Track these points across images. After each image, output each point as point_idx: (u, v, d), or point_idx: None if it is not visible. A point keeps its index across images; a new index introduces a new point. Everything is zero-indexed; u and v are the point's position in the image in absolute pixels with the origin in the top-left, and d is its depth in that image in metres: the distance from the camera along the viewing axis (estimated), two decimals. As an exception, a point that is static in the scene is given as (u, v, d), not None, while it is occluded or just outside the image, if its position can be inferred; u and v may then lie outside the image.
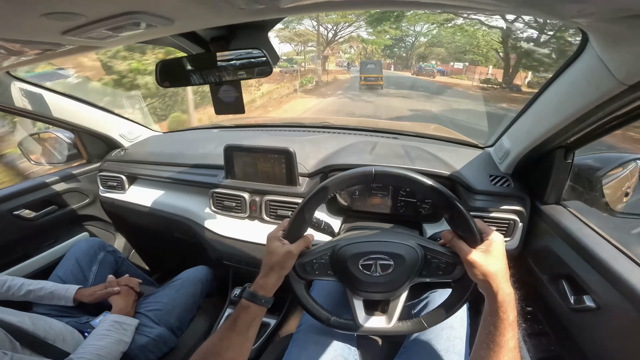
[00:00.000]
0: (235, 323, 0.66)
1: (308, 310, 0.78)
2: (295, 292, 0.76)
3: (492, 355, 0.58)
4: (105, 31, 0.48)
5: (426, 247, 0.70)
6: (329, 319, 0.77)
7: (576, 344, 0.86)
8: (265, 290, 0.69)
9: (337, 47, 28.81)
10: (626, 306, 0.69)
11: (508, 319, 0.58)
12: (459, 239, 0.66)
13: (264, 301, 0.68)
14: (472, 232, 0.64)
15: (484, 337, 0.60)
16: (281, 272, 0.70)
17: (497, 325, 0.59)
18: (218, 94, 0.79)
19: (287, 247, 0.70)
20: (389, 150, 1.29)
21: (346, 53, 32.02)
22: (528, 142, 0.92)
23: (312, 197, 0.70)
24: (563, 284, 0.89)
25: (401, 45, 31.67)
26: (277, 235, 0.73)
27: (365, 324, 0.75)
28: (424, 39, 29.61)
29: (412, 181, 0.66)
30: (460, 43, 24.81)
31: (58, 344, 0.91)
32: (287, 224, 0.73)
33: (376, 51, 29.01)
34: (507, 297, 0.60)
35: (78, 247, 1.29)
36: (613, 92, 0.60)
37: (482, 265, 0.61)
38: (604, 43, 0.57)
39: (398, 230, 0.75)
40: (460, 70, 27.43)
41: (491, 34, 20.32)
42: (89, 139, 1.56)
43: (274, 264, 0.69)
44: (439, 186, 0.65)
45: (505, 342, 0.57)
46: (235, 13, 0.48)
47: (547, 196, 0.99)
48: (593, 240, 0.83)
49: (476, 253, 0.63)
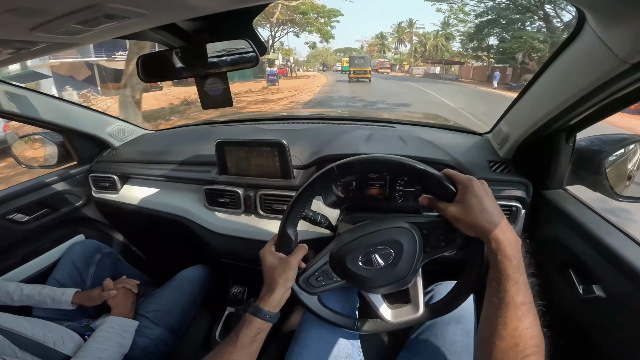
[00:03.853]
0: (237, 337, 0.64)
1: (332, 323, 0.76)
2: (311, 309, 0.76)
3: (499, 313, 0.52)
4: (75, 26, 0.45)
5: (418, 222, 0.68)
6: (354, 324, 0.76)
7: (587, 335, 0.83)
8: (271, 305, 0.67)
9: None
10: (636, 295, 0.67)
11: (506, 270, 0.53)
12: (436, 200, 0.63)
13: (268, 316, 0.66)
14: (440, 185, 0.62)
15: (489, 293, 0.56)
16: (287, 285, 0.69)
17: (498, 279, 0.54)
18: (204, 87, 0.76)
19: (284, 259, 0.70)
20: (385, 139, 1.26)
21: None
22: (527, 126, 0.89)
23: (293, 206, 0.70)
24: (570, 273, 0.86)
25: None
26: (270, 250, 0.72)
27: (394, 319, 0.74)
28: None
29: (373, 162, 0.66)
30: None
31: (58, 348, 0.90)
32: (277, 238, 0.73)
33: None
34: (501, 245, 0.55)
35: (74, 250, 1.28)
36: (615, 72, 0.57)
37: (463, 216, 0.58)
38: (603, 21, 0.54)
39: (387, 216, 0.73)
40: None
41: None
42: (78, 140, 1.52)
43: (276, 278, 0.68)
44: (394, 157, 0.63)
45: (510, 297, 0.52)
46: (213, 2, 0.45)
47: (550, 181, 0.96)
48: (600, 226, 0.81)
49: (452, 206, 0.60)
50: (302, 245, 0.74)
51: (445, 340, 0.78)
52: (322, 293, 0.76)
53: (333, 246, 0.73)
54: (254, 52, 0.71)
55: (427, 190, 0.65)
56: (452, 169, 1.04)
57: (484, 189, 0.60)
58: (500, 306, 0.53)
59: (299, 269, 0.72)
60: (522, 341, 0.50)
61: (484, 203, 0.58)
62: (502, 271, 0.54)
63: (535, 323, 0.52)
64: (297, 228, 0.74)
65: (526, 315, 0.51)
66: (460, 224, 0.60)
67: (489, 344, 0.52)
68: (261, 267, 0.73)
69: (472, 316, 0.84)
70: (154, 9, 0.44)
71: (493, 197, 0.60)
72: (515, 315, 0.51)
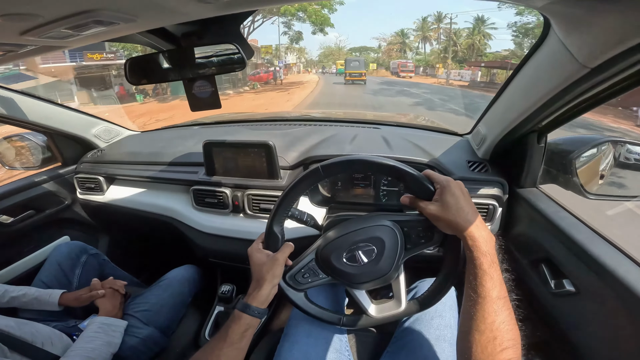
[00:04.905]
0: (227, 334, 0.65)
1: (317, 318, 0.78)
2: (298, 305, 0.77)
3: (477, 307, 0.55)
4: (65, 30, 0.46)
5: (398, 220, 0.71)
6: (340, 319, 0.78)
7: (560, 328, 0.86)
8: (259, 301, 0.68)
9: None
10: (604, 289, 0.70)
11: (481, 266, 0.56)
12: (416, 199, 0.66)
13: (257, 312, 0.68)
14: (420, 184, 0.65)
15: (467, 289, 0.58)
16: (274, 281, 0.71)
17: (476, 273, 0.57)
18: (192, 89, 0.78)
19: (272, 255, 0.72)
20: (369, 140, 1.30)
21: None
22: (502, 128, 0.93)
23: (280, 204, 0.73)
24: (543, 268, 0.90)
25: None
26: (257, 248, 0.75)
27: (378, 314, 0.76)
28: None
29: (357, 162, 0.69)
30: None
31: (47, 348, 0.90)
32: (264, 236, 0.75)
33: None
34: (477, 242, 0.57)
35: (59, 251, 1.27)
36: (577, 75, 0.60)
37: (440, 215, 0.61)
38: (565, 27, 0.57)
39: (371, 215, 0.76)
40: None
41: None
42: (63, 141, 1.51)
43: (264, 274, 0.70)
44: (378, 158, 0.67)
45: (487, 292, 0.55)
46: (203, 8, 0.47)
47: (523, 180, 1.01)
48: (570, 223, 0.84)
49: (431, 205, 0.63)
50: (288, 243, 0.76)
51: (430, 335, 0.81)
52: (308, 289, 0.78)
53: (319, 244, 0.75)
54: (241, 55, 0.73)
55: (408, 189, 0.68)
56: (432, 169, 1.09)
57: (461, 189, 0.64)
58: (477, 300, 0.55)
59: (285, 266, 0.74)
60: (499, 334, 0.52)
61: (460, 202, 0.61)
62: (478, 267, 0.57)
63: (510, 317, 0.55)
64: (284, 226, 0.76)
65: (502, 310, 0.54)
66: (439, 222, 0.63)
67: (469, 338, 0.55)
68: (249, 265, 0.74)
69: (454, 310, 0.87)
70: (144, 15, 0.46)
71: (469, 197, 0.64)
72: (492, 309, 0.54)
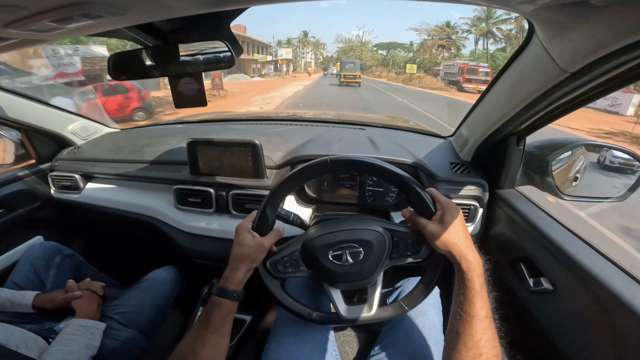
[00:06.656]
0: (208, 321, 0.64)
1: (288, 309, 0.78)
2: (271, 291, 0.76)
3: (466, 325, 0.58)
4: (49, 23, 0.44)
5: (391, 229, 0.72)
6: (310, 314, 0.78)
7: (538, 326, 0.88)
8: (235, 284, 0.67)
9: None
10: (579, 287, 0.73)
11: (474, 287, 0.59)
12: (416, 215, 0.68)
13: (235, 295, 0.67)
14: (424, 203, 0.67)
15: (456, 308, 0.61)
16: (251, 265, 0.69)
17: (466, 294, 0.59)
18: (178, 86, 0.76)
19: (258, 239, 0.70)
20: (355, 141, 1.31)
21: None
22: (483, 130, 0.96)
23: (279, 188, 0.71)
24: (522, 267, 0.93)
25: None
26: (247, 227, 0.72)
27: (347, 315, 0.76)
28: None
29: (365, 164, 0.69)
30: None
31: (22, 351, 0.85)
32: (255, 216, 0.73)
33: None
34: (471, 265, 0.61)
35: (32, 252, 1.21)
36: (556, 80, 0.62)
37: (439, 235, 0.63)
38: (547, 32, 0.59)
39: (364, 217, 0.77)
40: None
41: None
42: (37, 138, 1.45)
43: (244, 256, 0.68)
44: (390, 166, 0.68)
45: (476, 311, 0.58)
46: (194, 3, 0.47)
47: (503, 182, 1.04)
48: (546, 223, 0.87)
49: (432, 224, 0.65)
50: (278, 228, 0.74)
51: (414, 334, 0.83)
52: (288, 280, 0.77)
53: (307, 235, 0.75)
54: (229, 53, 0.72)
55: (410, 202, 0.69)
56: (417, 170, 1.11)
57: (459, 212, 0.67)
58: (466, 319, 0.58)
59: (269, 252, 0.73)
60: (485, 351, 0.56)
61: (459, 226, 0.64)
62: (471, 288, 0.60)
63: (495, 335, 0.59)
64: (277, 213, 0.74)
65: (488, 328, 0.58)
66: (435, 241, 0.65)
67: (456, 355, 0.58)
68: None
69: (437, 309, 0.90)
70: (133, 10, 0.45)
71: (465, 222, 0.67)
72: (481, 327, 0.57)
